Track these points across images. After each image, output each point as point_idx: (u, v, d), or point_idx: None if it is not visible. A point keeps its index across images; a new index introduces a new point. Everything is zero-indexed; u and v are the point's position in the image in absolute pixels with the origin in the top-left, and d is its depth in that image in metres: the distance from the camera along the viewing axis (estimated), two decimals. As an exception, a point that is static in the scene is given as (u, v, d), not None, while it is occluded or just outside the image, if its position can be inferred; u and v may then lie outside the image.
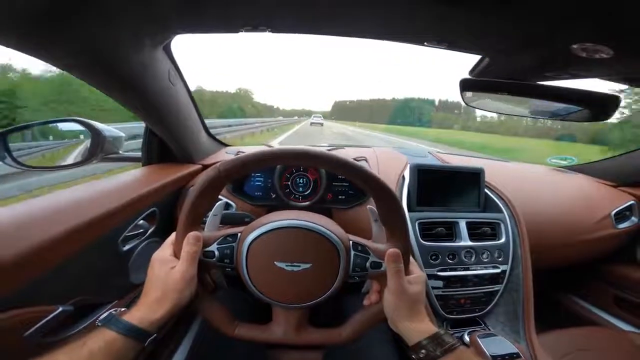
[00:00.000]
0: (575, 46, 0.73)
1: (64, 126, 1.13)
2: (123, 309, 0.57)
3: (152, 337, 0.55)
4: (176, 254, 0.61)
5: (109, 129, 1.02)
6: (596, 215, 1.42)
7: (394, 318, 0.63)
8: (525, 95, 1.03)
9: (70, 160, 1.08)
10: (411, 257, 0.68)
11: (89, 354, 0.48)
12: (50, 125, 1.11)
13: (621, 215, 1.47)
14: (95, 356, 0.48)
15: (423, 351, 0.57)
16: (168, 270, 0.59)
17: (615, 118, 0.99)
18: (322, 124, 44.05)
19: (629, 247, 1.52)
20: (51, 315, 0.64)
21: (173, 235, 0.64)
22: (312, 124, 42.10)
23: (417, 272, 0.67)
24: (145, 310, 0.56)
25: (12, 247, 0.57)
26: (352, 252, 0.63)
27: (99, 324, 0.53)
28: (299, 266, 0.60)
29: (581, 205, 1.45)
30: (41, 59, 0.68)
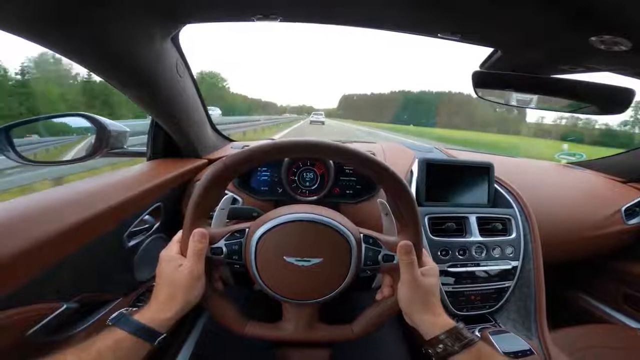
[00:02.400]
0: (593, 38, 0.72)
1: (69, 121, 1.12)
2: (134, 309, 0.56)
3: (162, 337, 0.54)
4: (183, 252, 0.60)
5: (114, 123, 1.00)
6: (606, 211, 1.41)
7: (408, 311, 0.62)
8: (539, 89, 1.02)
9: (74, 155, 1.07)
10: (423, 249, 0.66)
11: (98, 353, 0.47)
12: (56, 119, 1.10)
13: (631, 211, 1.46)
14: (104, 355, 0.47)
15: (441, 346, 0.56)
16: (175, 268, 0.58)
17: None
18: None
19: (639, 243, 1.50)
20: (55, 313, 0.63)
21: (180, 233, 0.63)
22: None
23: (431, 263, 0.66)
24: (156, 310, 0.55)
25: (11, 243, 0.56)
26: (364, 246, 0.62)
27: (110, 323, 0.52)
28: (310, 261, 0.59)
29: (591, 201, 1.44)
30: (52, 50, 0.67)
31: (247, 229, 0.62)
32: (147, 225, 0.96)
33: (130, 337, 0.50)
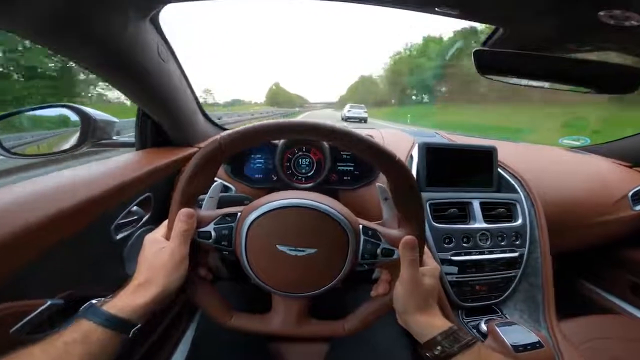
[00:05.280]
0: (602, 13, 0.67)
1: (53, 112, 1.09)
2: (105, 299, 0.52)
3: (136, 328, 0.50)
4: (168, 235, 0.56)
5: (99, 113, 0.97)
6: (612, 197, 1.38)
7: (403, 311, 0.59)
8: (544, 68, 0.97)
9: (61, 147, 1.03)
10: (425, 248, 0.63)
11: (64, 346, 0.43)
12: (39, 112, 1.06)
13: (638, 197, 1.43)
14: (71, 348, 0.43)
15: (439, 347, 0.53)
16: (157, 250, 0.54)
17: None
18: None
19: (647, 230, 1.46)
20: (39, 310, 0.59)
21: None
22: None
23: (432, 263, 0.63)
24: (128, 298, 0.51)
25: None
26: (362, 237, 0.58)
27: (78, 315, 0.48)
28: (304, 251, 0.55)
29: (596, 187, 1.41)
30: (24, 38, 0.64)
31: (239, 213, 0.58)
32: (136, 217, 0.91)
33: (100, 328, 0.46)
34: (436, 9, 0.82)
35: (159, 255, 0.54)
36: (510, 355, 0.80)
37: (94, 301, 0.51)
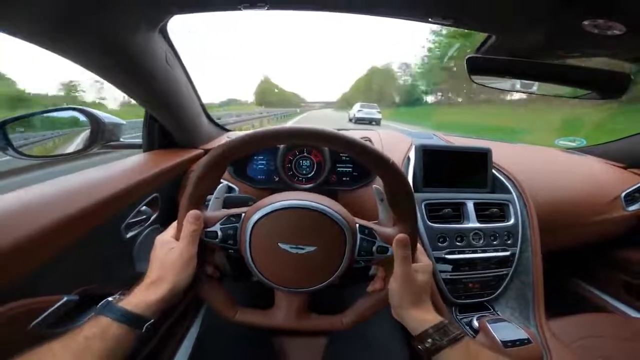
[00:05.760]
0: (586, 22, 0.71)
1: (64, 115, 1.12)
2: (119, 296, 0.56)
3: (149, 323, 0.53)
4: (177, 235, 0.60)
5: (108, 116, 1.00)
6: (606, 197, 1.40)
7: (398, 306, 0.61)
8: (535, 75, 1.00)
9: (71, 149, 1.07)
10: (419, 245, 0.66)
11: (85, 341, 0.46)
12: (50, 114, 1.09)
13: (631, 197, 1.45)
14: (91, 343, 0.47)
15: (429, 340, 0.56)
16: (167, 251, 0.58)
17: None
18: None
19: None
20: (56, 306, 0.63)
21: None
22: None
23: (425, 260, 0.66)
24: (141, 294, 0.54)
25: (9, 236, 0.55)
26: (359, 236, 0.61)
27: (96, 311, 0.52)
28: (304, 249, 0.58)
29: (590, 187, 1.43)
30: (35, 44, 0.66)
31: (243, 214, 0.62)
32: (144, 217, 0.95)
33: (116, 324, 0.49)
34: (430, 19, 0.85)
35: (169, 255, 0.57)
36: (500, 351, 0.83)
37: (110, 298, 0.55)
